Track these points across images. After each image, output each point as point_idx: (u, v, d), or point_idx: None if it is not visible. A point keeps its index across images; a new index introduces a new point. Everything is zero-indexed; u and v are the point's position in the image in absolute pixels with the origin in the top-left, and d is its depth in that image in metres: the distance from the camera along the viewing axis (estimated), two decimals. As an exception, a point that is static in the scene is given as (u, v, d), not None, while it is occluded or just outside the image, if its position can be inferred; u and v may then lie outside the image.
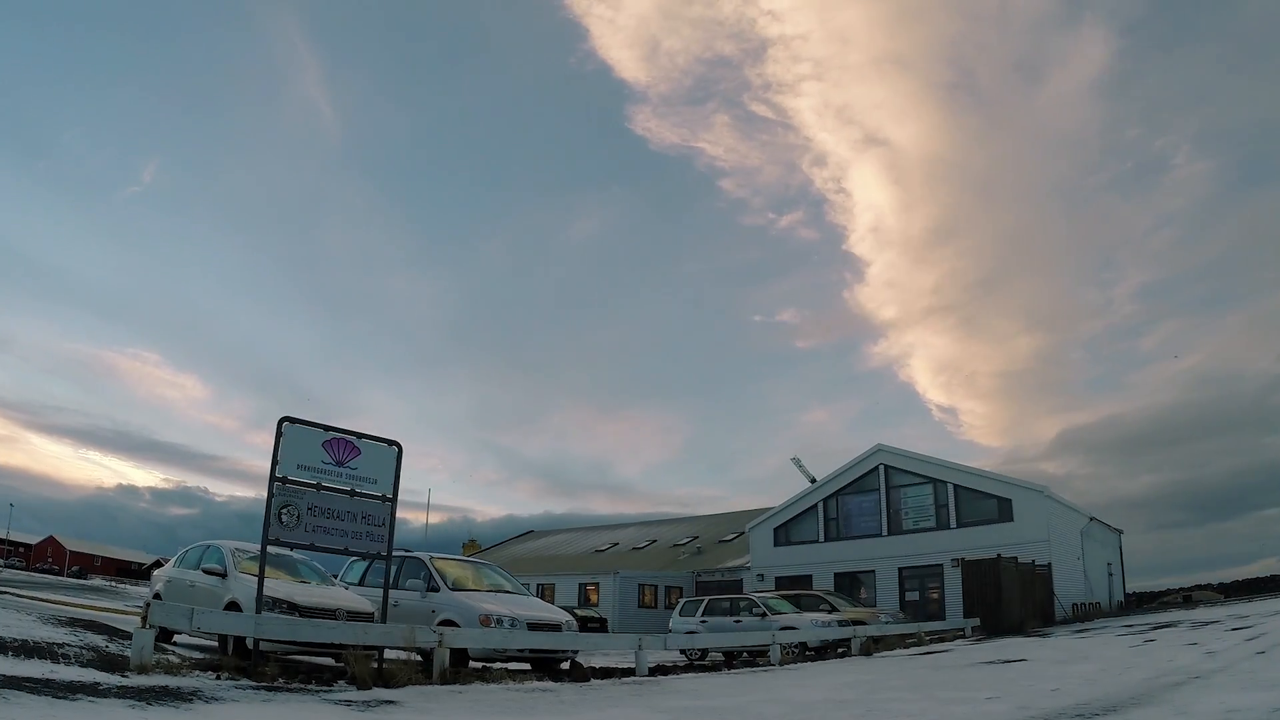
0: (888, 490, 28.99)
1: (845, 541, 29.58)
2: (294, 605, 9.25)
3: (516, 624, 10.49)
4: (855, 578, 28.60)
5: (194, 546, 11.82)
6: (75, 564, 71.55)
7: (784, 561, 30.59)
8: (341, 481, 9.31)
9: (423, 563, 11.84)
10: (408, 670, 8.48)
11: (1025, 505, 25.84)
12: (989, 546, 23.83)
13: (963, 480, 27.44)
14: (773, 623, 17.42)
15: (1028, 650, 12.85)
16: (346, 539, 9.33)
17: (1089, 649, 12.40)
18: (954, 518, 27.20)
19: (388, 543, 9.71)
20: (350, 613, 9.65)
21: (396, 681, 8.10)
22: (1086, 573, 28.01)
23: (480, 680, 9.04)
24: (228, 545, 10.94)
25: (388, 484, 9.72)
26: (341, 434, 9.44)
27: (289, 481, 8.89)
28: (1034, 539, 24.98)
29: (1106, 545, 32.39)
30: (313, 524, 9.01)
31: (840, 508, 30.30)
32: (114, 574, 69.66)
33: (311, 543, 9.13)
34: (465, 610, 10.64)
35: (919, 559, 27.27)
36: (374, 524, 9.56)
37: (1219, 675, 7.62)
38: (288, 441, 8.91)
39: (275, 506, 8.73)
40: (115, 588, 40.12)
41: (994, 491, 26.65)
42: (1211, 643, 11.34)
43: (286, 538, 8.89)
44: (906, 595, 27.13)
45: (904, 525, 28.40)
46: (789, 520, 31.40)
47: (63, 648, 7.51)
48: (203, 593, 10.38)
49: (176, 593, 10.96)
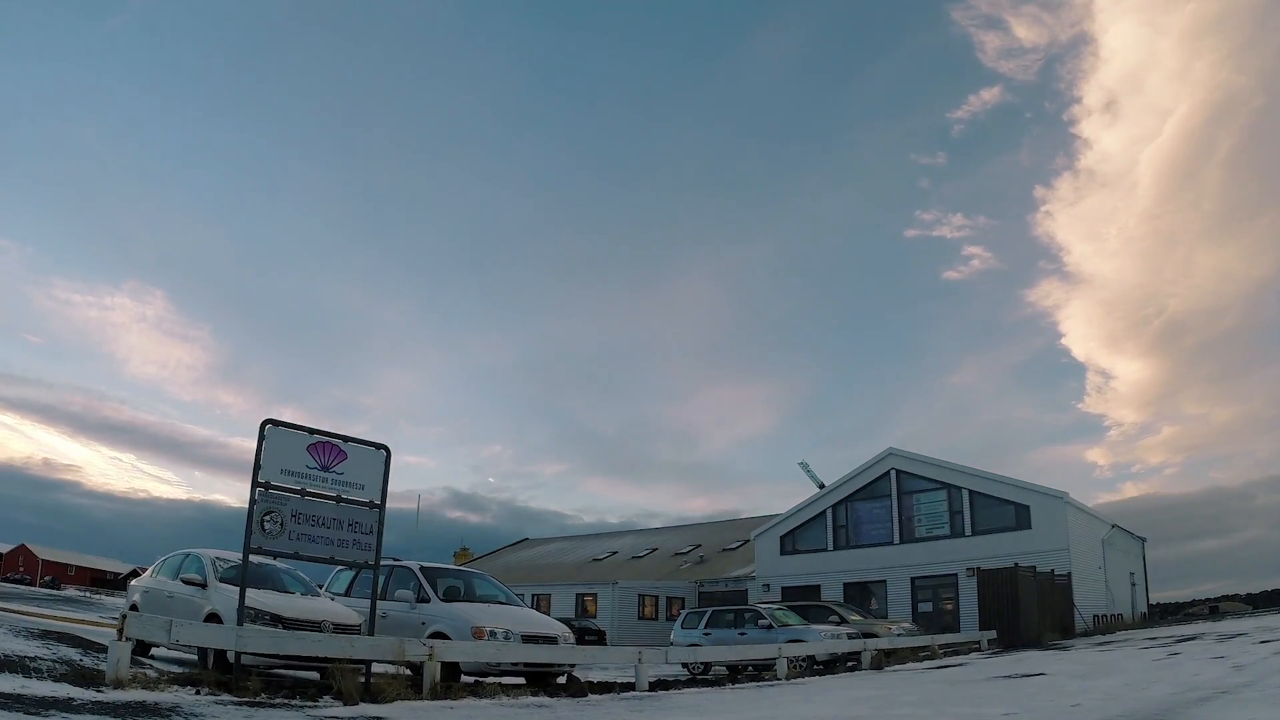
0: (900, 496, 28.99)
1: (855, 550, 29.58)
2: (277, 617, 9.25)
3: (511, 637, 10.48)
4: (865, 588, 28.61)
5: (172, 555, 11.81)
6: (48, 573, 71.53)
7: (791, 571, 30.60)
8: (327, 487, 9.29)
9: (412, 572, 11.83)
10: (397, 685, 8.48)
11: (1044, 512, 25.85)
12: (1006, 555, 23.86)
13: (978, 485, 27.45)
14: (779, 635, 17.42)
15: (1046, 664, 12.85)
16: (332, 547, 9.32)
17: (1111, 663, 12.40)
18: (969, 525, 27.21)
19: (375, 551, 9.69)
20: (336, 625, 9.65)
21: (385, 697, 8.10)
22: (1108, 583, 28.04)
23: (473, 695, 9.03)
24: (208, 554, 10.93)
25: (376, 489, 9.71)
26: (327, 437, 9.43)
27: (272, 487, 8.88)
28: (1053, 547, 24.99)
29: (1129, 554, 32.43)
30: (297, 531, 8.99)
31: (850, 514, 30.31)
32: (88, 584, 69.75)
33: (296, 551, 9.10)
34: (457, 622, 10.63)
35: (932, 568, 27.28)
36: (361, 531, 9.54)
37: (1247, 690, 7.63)
38: (270, 445, 8.89)
39: (258, 513, 8.72)
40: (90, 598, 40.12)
41: (1011, 497, 26.65)
42: (1239, 656, 11.35)
43: (269, 546, 8.87)
44: (919, 606, 27.14)
45: (917, 533, 28.42)
46: (796, 528, 31.41)
47: (35, 661, 7.50)
48: (181, 604, 10.38)
49: (154, 604, 10.96)
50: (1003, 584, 21.62)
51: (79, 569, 79.02)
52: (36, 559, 76.88)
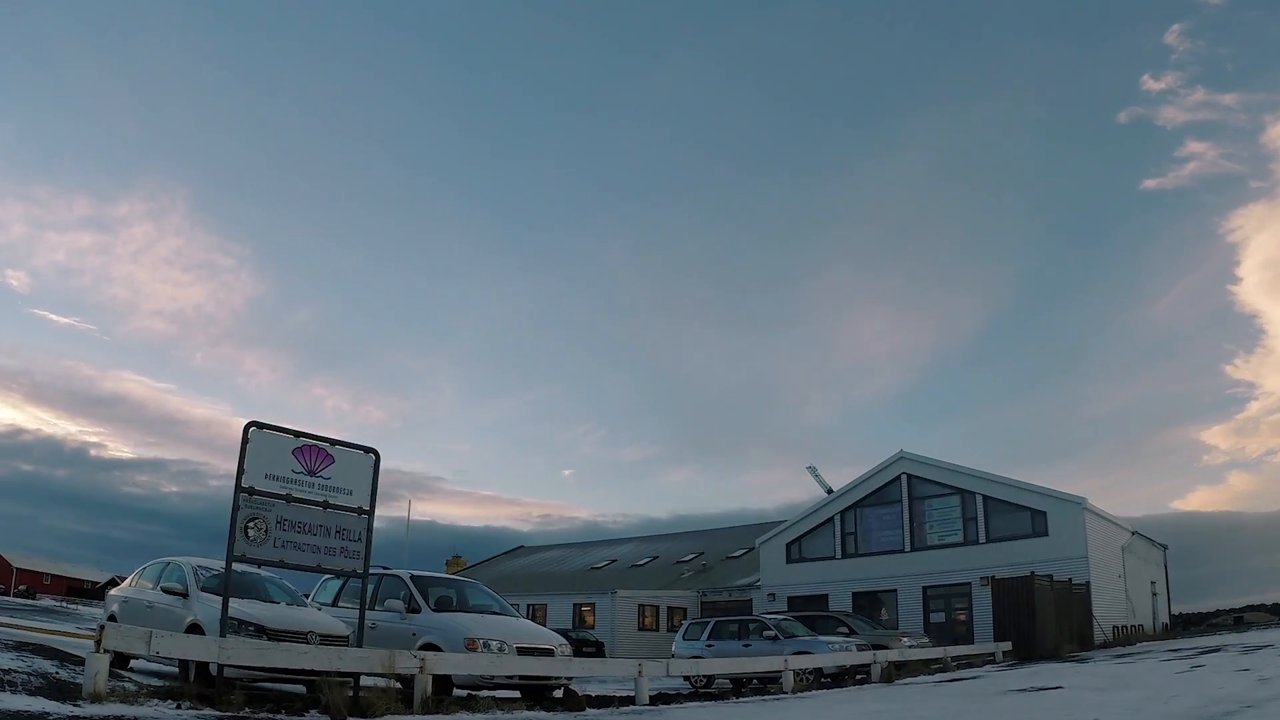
0: (910, 502, 28.99)
1: (864, 558, 29.58)
2: (262, 628, 9.22)
3: (505, 648, 10.48)
4: (875, 597, 28.61)
5: (152, 564, 11.80)
6: (22, 582, 71.43)
7: (797, 580, 30.60)
8: (314, 492, 9.29)
9: (403, 581, 11.83)
10: (386, 699, 8.47)
11: (1061, 518, 25.83)
12: (1021, 563, 23.85)
13: (993, 491, 27.43)
14: (785, 646, 17.41)
15: (1064, 677, 12.85)
16: (319, 555, 9.31)
17: (1131, 675, 12.40)
18: (983, 532, 27.20)
19: (364, 559, 9.69)
20: (323, 636, 9.62)
21: (374, 711, 8.09)
22: (1128, 592, 28.06)
23: (465, 710, 9.04)
24: (189, 562, 10.92)
25: (364, 495, 9.70)
26: (314, 441, 9.43)
27: (256, 492, 8.87)
28: (1071, 555, 24.98)
29: (1150, 562, 32.45)
30: (282, 539, 8.99)
31: (859, 521, 30.30)
32: (65, 593, 69.67)
33: (281, 559, 9.10)
34: (449, 633, 10.63)
35: (945, 577, 27.27)
36: (349, 539, 9.54)
37: (1273, 704, 7.62)
38: (254, 449, 8.88)
39: (241, 520, 8.71)
40: (66, 608, 40.19)
41: (1027, 503, 26.65)
42: (1265, 668, 11.35)
43: (253, 554, 8.87)
44: (931, 616, 27.14)
45: (928, 540, 28.41)
46: (803, 535, 31.40)
47: (9, 674, 7.49)
48: (162, 614, 10.36)
49: (133, 614, 10.94)
50: (1018, 593, 21.61)
51: (55, 578, 79.01)
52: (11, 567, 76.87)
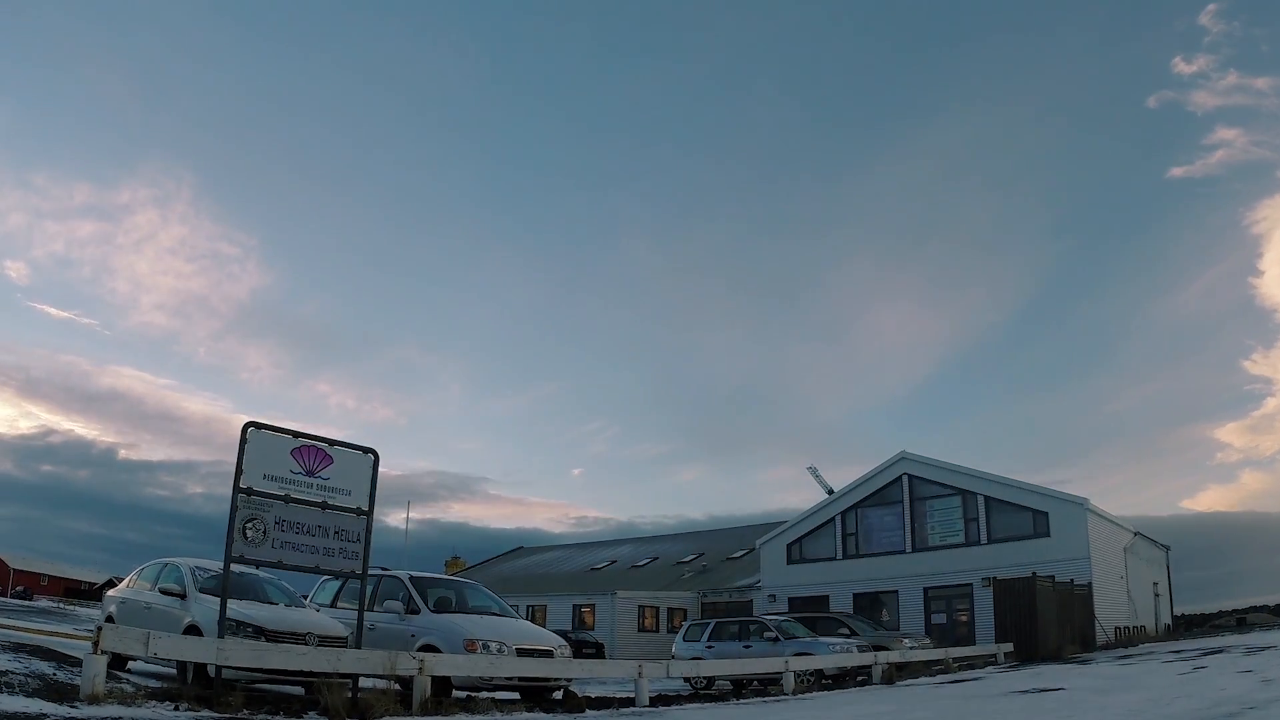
0: (912, 502, 28.99)
1: (865, 559, 29.58)
2: (260, 629, 9.25)
3: (504, 650, 10.49)
4: (876, 598, 28.61)
5: (150, 565, 11.82)
6: (19, 583, 71.45)
7: (798, 581, 30.61)
8: (312, 493, 9.30)
9: (401, 582, 11.84)
10: (385, 700, 8.48)
11: (1063, 519, 25.83)
12: (1023, 564, 23.84)
13: (994, 491, 27.43)
14: (786, 648, 17.44)
15: (1066, 678, 12.86)
16: (317, 556, 9.32)
17: (1133, 677, 12.42)
18: (985, 533, 27.20)
19: (363, 560, 9.70)
20: (322, 637, 9.64)
21: (373, 713, 8.11)
22: (1130, 593, 28.06)
23: (464, 711, 9.05)
24: (187, 563, 10.94)
25: (363, 495, 9.72)
26: (312, 441, 9.44)
27: (254, 493, 8.88)
28: (1073, 556, 24.96)
29: (1153, 563, 32.46)
30: (280, 539, 9.00)
31: (860, 522, 30.30)
32: (62, 594, 69.72)
33: (279, 560, 9.12)
34: (448, 634, 10.64)
35: (946, 578, 27.26)
36: (348, 539, 9.55)
37: (1277, 705, 7.63)
38: (252, 449, 8.90)
39: (239, 520, 8.72)
40: (64, 609, 40.19)
41: (1029, 504, 26.65)
42: (1268, 669, 11.36)
43: (251, 555, 8.88)
44: (932, 617, 27.14)
45: (930, 541, 28.41)
46: (803, 535, 31.41)
47: (5, 676, 7.50)
48: (159, 615, 10.38)
49: (131, 615, 10.95)
50: (1020, 594, 21.60)
51: (52, 579, 79.01)
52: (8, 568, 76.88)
